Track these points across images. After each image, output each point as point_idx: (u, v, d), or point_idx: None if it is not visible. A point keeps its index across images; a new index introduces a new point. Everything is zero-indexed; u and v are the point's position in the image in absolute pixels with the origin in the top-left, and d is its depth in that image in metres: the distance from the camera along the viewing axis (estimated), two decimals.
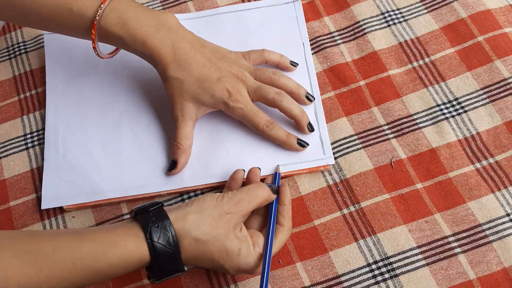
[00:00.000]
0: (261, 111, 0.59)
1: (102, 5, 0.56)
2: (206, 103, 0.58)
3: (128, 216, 0.59)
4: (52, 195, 0.60)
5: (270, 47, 0.65)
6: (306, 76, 0.65)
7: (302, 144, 0.60)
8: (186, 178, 0.59)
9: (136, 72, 0.66)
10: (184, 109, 0.58)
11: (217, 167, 0.60)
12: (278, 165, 0.59)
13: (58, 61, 0.67)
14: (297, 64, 0.65)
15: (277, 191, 0.55)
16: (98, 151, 0.62)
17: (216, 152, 0.61)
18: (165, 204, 0.58)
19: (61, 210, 0.60)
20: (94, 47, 0.58)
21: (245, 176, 0.58)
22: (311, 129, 0.61)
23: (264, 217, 0.55)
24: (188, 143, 0.59)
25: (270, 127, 0.59)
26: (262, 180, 0.58)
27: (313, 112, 0.62)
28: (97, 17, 0.56)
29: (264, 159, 0.60)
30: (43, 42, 0.70)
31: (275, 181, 0.58)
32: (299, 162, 0.59)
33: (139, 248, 0.46)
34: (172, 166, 0.59)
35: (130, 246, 0.46)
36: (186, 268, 0.49)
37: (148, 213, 0.48)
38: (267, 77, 0.61)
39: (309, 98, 0.62)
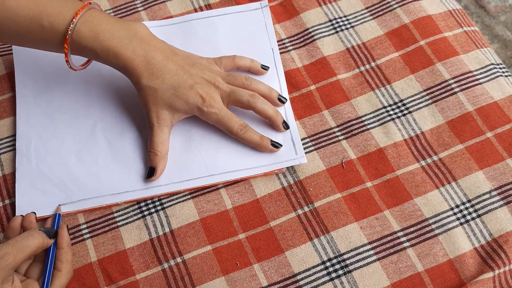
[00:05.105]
0: (235, 115, 0.61)
1: (74, 19, 0.55)
2: (181, 109, 0.59)
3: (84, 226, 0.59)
4: (26, 205, 0.59)
5: (240, 52, 0.66)
6: (276, 80, 0.66)
7: (276, 145, 0.61)
8: (162, 185, 0.60)
9: (108, 80, 0.66)
10: (159, 116, 0.59)
11: (192, 172, 0.60)
12: (59, 205, 0.59)
13: (28, 70, 0.66)
14: (268, 67, 0.66)
15: (55, 234, 0.54)
16: (72, 160, 0.61)
17: (190, 157, 0.61)
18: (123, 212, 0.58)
19: None
20: (67, 61, 0.58)
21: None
22: (286, 127, 0.62)
23: (44, 263, 0.53)
24: (165, 149, 0.60)
25: (244, 130, 0.60)
26: (44, 220, 0.58)
27: (284, 115, 0.64)
28: (69, 31, 0.56)
29: (238, 162, 0.61)
30: None
31: (55, 222, 0.56)
32: (272, 163, 0.61)
33: None
34: (151, 173, 0.59)
35: None
36: None
37: None
38: (239, 83, 0.62)
39: (282, 100, 0.64)
